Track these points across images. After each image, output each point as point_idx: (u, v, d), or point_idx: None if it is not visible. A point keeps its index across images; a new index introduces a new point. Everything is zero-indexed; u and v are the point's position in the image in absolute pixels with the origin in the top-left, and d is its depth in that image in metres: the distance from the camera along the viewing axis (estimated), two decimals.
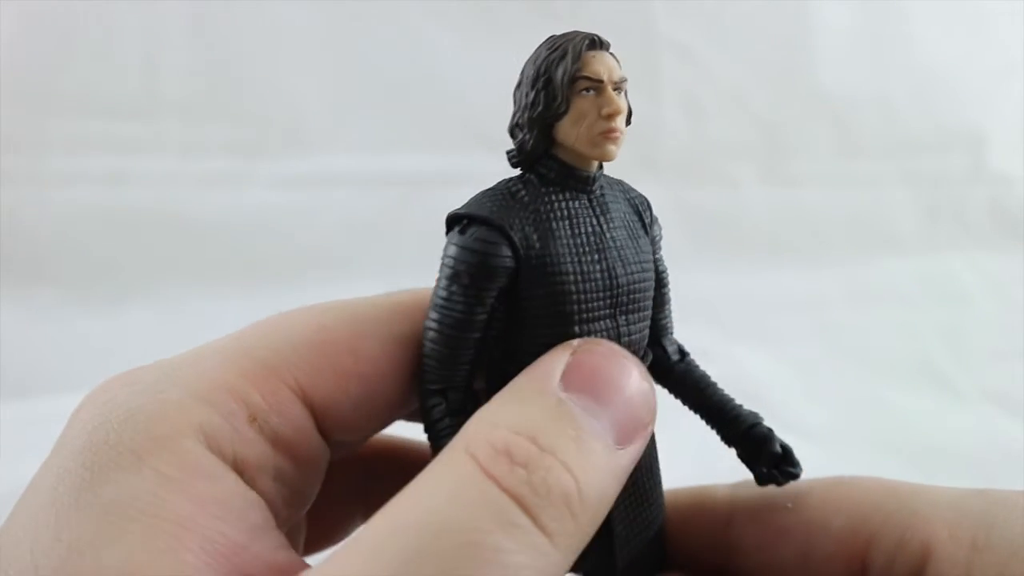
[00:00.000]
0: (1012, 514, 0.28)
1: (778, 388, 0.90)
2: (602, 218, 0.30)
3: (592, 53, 0.29)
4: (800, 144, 1.23)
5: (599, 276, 0.29)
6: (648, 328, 0.32)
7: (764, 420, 0.34)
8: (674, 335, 0.36)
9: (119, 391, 0.26)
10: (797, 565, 0.33)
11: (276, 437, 0.27)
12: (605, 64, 0.29)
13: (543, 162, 0.30)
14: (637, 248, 0.31)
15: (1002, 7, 1.27)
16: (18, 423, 0.77)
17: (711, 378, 0.35)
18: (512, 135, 0.30)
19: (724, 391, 0.35)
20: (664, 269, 0.34)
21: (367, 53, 1.08)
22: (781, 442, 0.33)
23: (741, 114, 1.20)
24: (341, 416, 0.29)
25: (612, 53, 0.30)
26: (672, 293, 0.35)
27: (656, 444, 0.34)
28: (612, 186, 0.32)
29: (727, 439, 0.34)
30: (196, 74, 1.04)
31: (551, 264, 0.29)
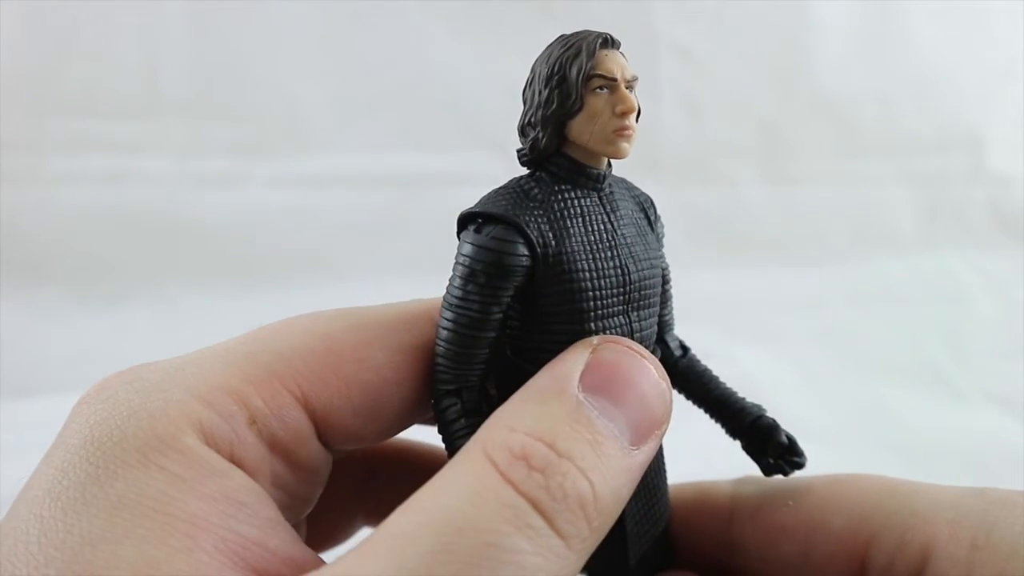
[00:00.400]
0: (1012, 514, 0.28)
1: (778, 388, 0.90)
2: (612, 215, 0.31)
3: (605, 51, 0.29)
4: (800, 144, 1.23)
5: (613, 273, 0.30)
6: (656, 325, 0.33)
7: (767, 412, 0.34)
8: (675, 331, 0.36)
9: (119, 389, 0.26)
10: (798, 563, 0.33)
11: (274, 441, 0.27)
12: (618, 63, 0.29)
13: (553, 160, 0.30)
14: (646, 245, 0.32)
15: (1002, 7, 1.27)
16: (18, 423, 0.77)
17: (712, 372, 0.36)
18: (523, 133, 0.31)
19: (726, 385, 0.35)
20: (666, 266, 0.34)
21: (367, 53, 1.08)
22: (786, 432, 0.34)
23: (741, 114, 1.20)
24: (342, 424, 0.29)
25: (622, 52, 0.30)
26: (672, 292, 0.36)
27: (662, 440, 0.35)
28: (618, 184, 0.33)
29: (732, 431, 0.35)
30: (196, 74, 1.04)
31: (567, 262, 0.29)
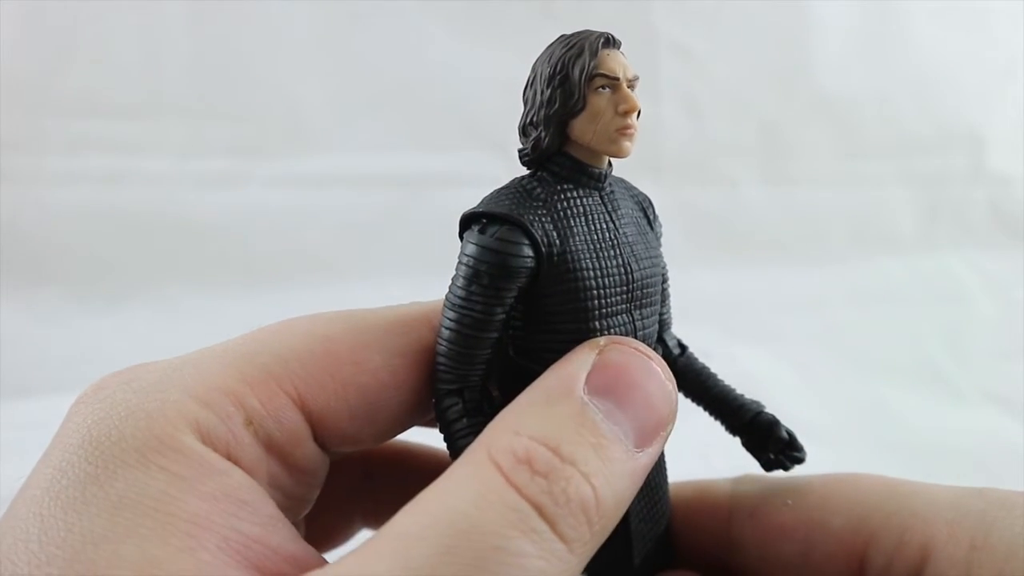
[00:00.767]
0: (1011, 514, 0.28)
1: (778, 388, 0.90)
2: (614, 214, 0.31)
3: (607, 51, 0.29)
4: (800, 144, 1.23)
5: (616, 272, 0.30)
6: (657, 323, 0.33)
7: (766, 408, 0.35)
8: (673, 330, 0.36)
9: (116, 389, 0.26)
10: (797, 562, 0.33)
11: (271, 442, 0.27)
12: (620, 62, 0.29)
13: (555, 159, 0.30)
14: (646, 244, 0.32)
15: (1002, 7, 1.27)
16: (18, 423, 0.77)
17: (711, 369, 0.36)
18: (524, 133, 0.31)
19: (724, 382, 0.35)
20: (664, 265, 0.35)
21: (367, 53, 1.08)
22: (785, 428, 0.34)
23: (741, 114, 1.20)
24: (339, 426, 0.29)
25: (623, 52, 0.30)
26: (672, 293, 0.36)
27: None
28: (617, 183, 0.33)
29: (731, 428, 0.35)
30: (196, 74, 1.04)
31: (571, 261, 0.29)
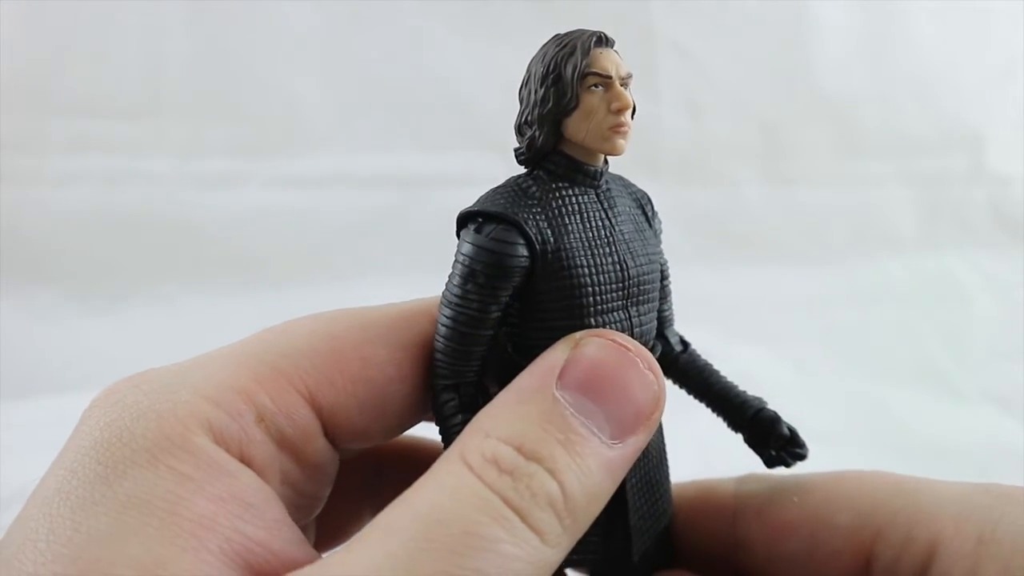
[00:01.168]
0: (1018, 509, 0.28)
1: (778, 388, 0.89)
2: (610, 212, 0.31)
3: (600, 50, 0.29)
4: (800, 144, 1.23)
5: (611, 269, 0.30)
6: (656, 320, 0.33)
7: (768, 405, 0.35)
8: (675, 326, 0.36)
9: (128, 392, 0.26)
10: (803, 559, 0.33)
11: (283, 439, 0.28)
12: (612, 60, 0.29)
13: (551, 158, 0.30)
14: (643, 241, 0.32)
15: (1002, 7, 1.27)
16: (18, 423, 0.77)
17: (713, 366, 0.36)
18: (519, 132, 0.31)
19: (727, 378, 0.36)
20: (665, 262, 0.35)
21: (367, 53, 1.08)
22: (787, 424, 0.34)
23: (741, 114, 1.20)
24: (349, 421, 0.29)
25: (616, 50, 0.30)
26: (671, 292, 0.36)
27: (664, 437, 0.35)
28: (615, 181, 0.33)
29: (733, 425, 0.35)
30: (196, 74, 1.04)
31: (565, 259, 0.29)
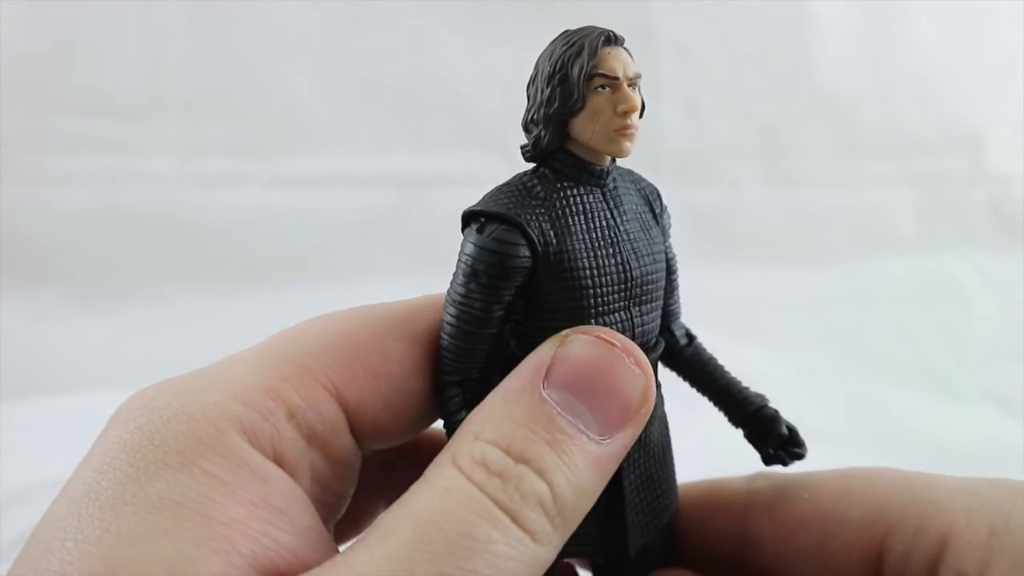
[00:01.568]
0: None
1: (778, 388, 0.89)
2: (615, 211, 0.31)
3: (608, 49, 0.29)
4: (800, 144, 1.23)
5: (614, 270, 0.30)
6: (659, 317, 0.33)
7: (769, 402, 0.35)
8: (682, 320, 0.36)
9: (157, 396, 0.27)
10: (814, 554, 0.33)
11: (313, 435, 0.28)
12: (620, 61, 0.29)
13: (557, 157, 0.30)
14: (649, 240, 0.32)
15: (1002, 7, 1.27)
16: (18, 423, 0.77)
17: (718, 361, 0.36)
18: (526, 130, 0.31)
19: (731, 374, 0.36)
20: (673, 256, 0.35)
21: (367, 53, 1.08)
22: (787, 423, 0.34)
23: (741, 114, 1.20)
24: (373, 416, 0.30)
25: (626, 48, 0.30)
26: (679, 287, 0.36)
27: (670, 434, 0.35)
28: (623, 177, 0.33)
29: (734, 420, 0.35)
30: (196, 74, 1.04)
31: (567, 259, 0.29)
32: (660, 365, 0.35)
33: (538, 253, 0.29)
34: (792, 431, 0.34)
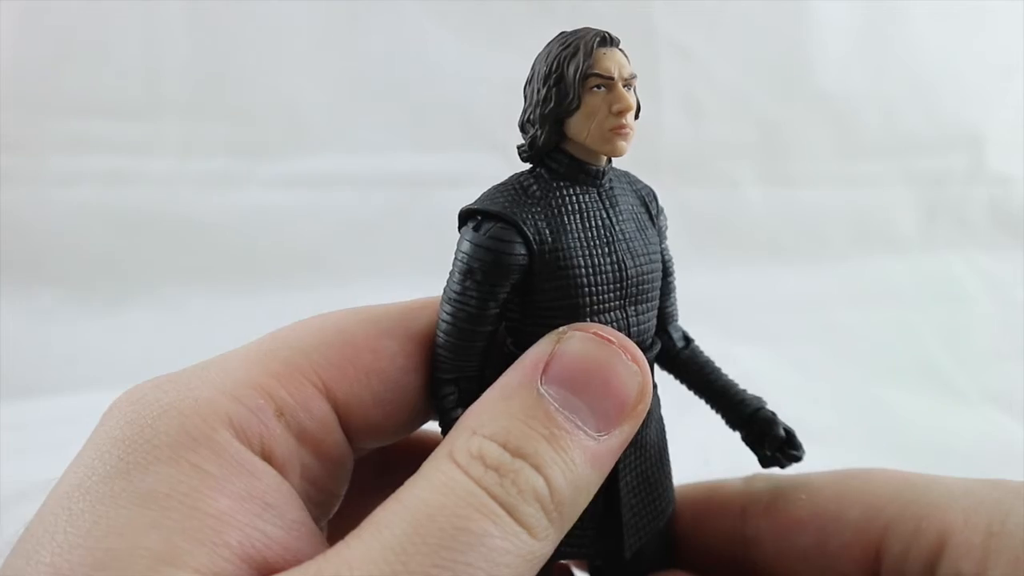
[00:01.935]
0: None
1: (778, 388, 0.89)
2: (611, 211, 0.31)
3: (603, 50, 0.29)
4: (800, 144, 1.23)
5: (609, 269, 0.30)
6: (656, 317, 0.33)
7: (767, 404, 0.35)
8: (679, 322, 0.36)
9: (149, 391, 0.27)
10: (813, 554, 0.34)
11: (302, 432, 0.28)
12: (616, 61, 0.29)
13: (553, 156, 0.31)
14: (645, 240, 0.32)
15: (1002, 7, 1.27)
16: (18, 423, 0.78)
17: (715, 363, 0.36)
18: (523, 130, 0.31)
19: (728, 376, 0.36)
20: (670, 258, 0.35)
21: (367, 53, 1.08)
22: (785, 426, 0.34)
23: (741, 114, 1.20)
24: (364, 413, 0.30)
25: (621, 49, 0.30)
26: (676, 289, 0.36)
27: (666, 436, 0.35)
28: (619, 178, 0.33)
29: (731, 422, 0.35)
30: (196, 74, 1.04)
31: (563, 258, 0.29)
32: (656, 367, 0.35)
33: (534, 251, 0.29)
34: (790, 433, 0.34)
